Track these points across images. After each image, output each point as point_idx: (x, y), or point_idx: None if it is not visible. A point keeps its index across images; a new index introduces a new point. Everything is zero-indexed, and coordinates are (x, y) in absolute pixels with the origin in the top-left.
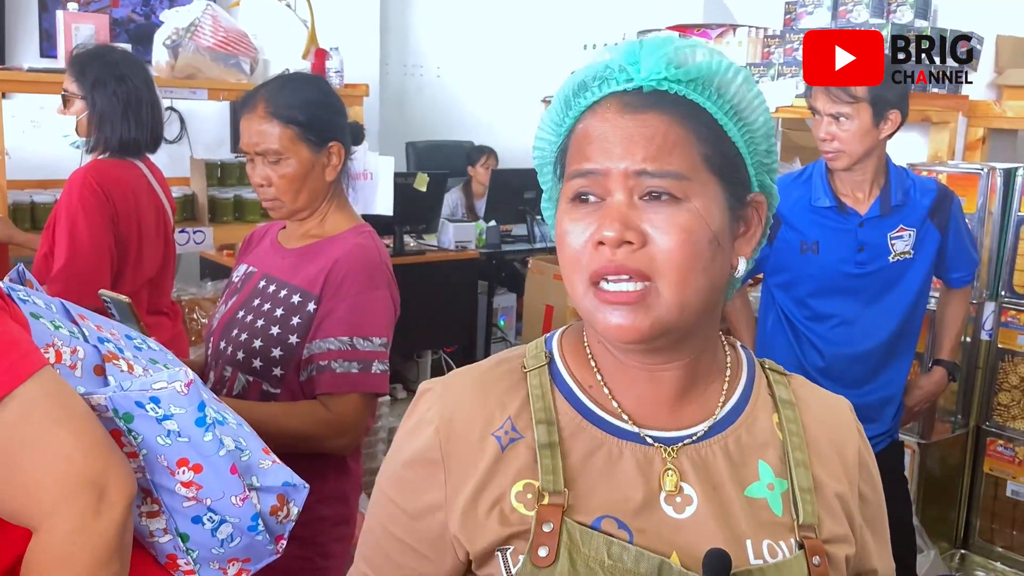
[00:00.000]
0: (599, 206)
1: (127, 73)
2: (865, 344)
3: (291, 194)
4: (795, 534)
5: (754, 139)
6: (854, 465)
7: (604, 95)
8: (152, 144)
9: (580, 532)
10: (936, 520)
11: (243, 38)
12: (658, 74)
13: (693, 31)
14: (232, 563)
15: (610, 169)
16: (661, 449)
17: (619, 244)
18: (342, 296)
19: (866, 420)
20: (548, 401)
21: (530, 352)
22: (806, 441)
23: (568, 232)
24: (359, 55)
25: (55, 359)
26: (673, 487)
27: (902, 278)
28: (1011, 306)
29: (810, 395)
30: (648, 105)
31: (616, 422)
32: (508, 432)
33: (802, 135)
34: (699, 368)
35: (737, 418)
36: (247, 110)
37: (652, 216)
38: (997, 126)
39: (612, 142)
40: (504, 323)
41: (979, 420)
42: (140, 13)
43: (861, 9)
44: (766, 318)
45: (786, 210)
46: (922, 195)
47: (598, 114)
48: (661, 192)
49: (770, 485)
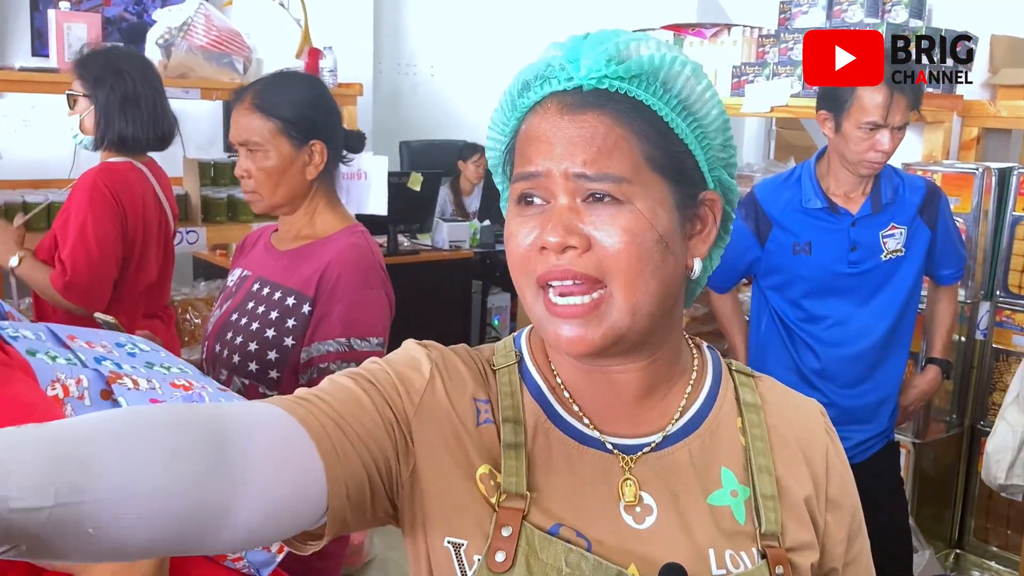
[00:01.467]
0: (543, 209)
1: (125, 68)
2: (860, 344)
3: (269, 187)
4: (757, 543)
5: (706, 134)
6: (822, 469)
7: (546, 95)
8: (157, 142)
9: (539, 538)
10: (931, 520)
11: (236, 37)
12: (598, 71)
13: (687, 30)
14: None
15: (551, 170)
16: (620, 458)
17: (562, 249)
18: (337, 298)
19: (862, 421)
20: (517, 400)
21: (499, 351)
22: (771, 445)
23: (514, 235)
24: (352, 54)
25: (63, 394)
26: (632, 497)
27: (895, 276)
28: (1006, 306)
29: (778, 397)
30: (588, 105)
31: (579, 426)
32: (487, 411)
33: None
34: (658, 371)
35: (701, 423)
36: (238, 103)
37: (595, 219)
38: (991, 126)
39: (552, 144)
40: (498, 323)
41: (974, 420)
42: (132, 12)
43: (856, 9)
44: (759, 320)
45: (777, 212)
46: (911, 192)
47: (539, 114)
48: (603, 195)
49: (733, 492)
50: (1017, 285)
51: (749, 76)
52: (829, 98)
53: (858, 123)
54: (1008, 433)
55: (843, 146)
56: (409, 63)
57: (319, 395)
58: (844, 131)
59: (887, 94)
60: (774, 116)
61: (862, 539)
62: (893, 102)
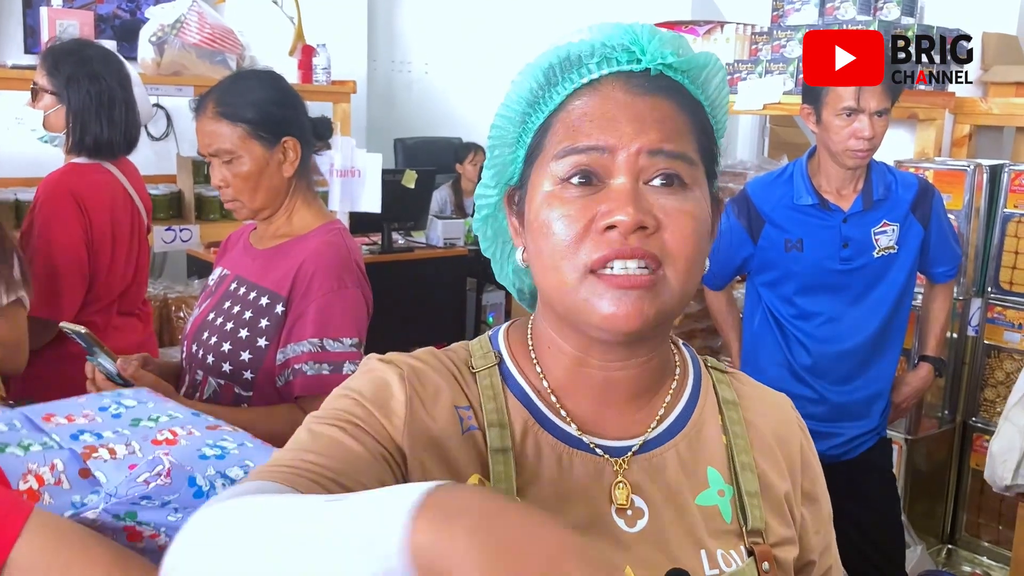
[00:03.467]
0: (597, 189)
1: (101, 71)
2: (852, 340)
3: (248, 193)
4: (744, 541)
5: (719, 135)
6: (797, 463)
7: (604, 74)
8: (126, 146)
9: None
10: (923, 515)
11: (229, 35)
12: (664, 58)
13: (681, 28)
14: None
15: (617, 147)
16: (612, 461)
17: (635, 229)
18: (311, 298)
19: (854, 417)
20: (500, 403)
21: (476, 351)
22: (751, 441)
23: (558, 218)
24: (347, 52)
25: (37, 484)
26: (624, 500)
27: (887, 273)
28: (997, 302)
29: (752, 392)
30: (656, 88)
31: (565, 427)
32: (470, 418)
33: (790, 132)
34: (654, 368)
35: (687, 422)
36: (199, 113)
37: (663, 202)
38: (983, 123)
39: (620, 121)
40: (492, 320)
41: (965, 416)
42: (126, 9)
43: (848, 6)
44: (752, 317)
45: (769, 209)
46: (904, 190)
47: (599, 92)
48: (673, 176)
49: (720, 492)
50: (1008, 281)
51: (742, 73)
52: (808, 92)
53: (835, 110)
54: (1016, 434)
55: (826, 138)
56: (404, 60)
57: (310, 459)
58: (824, 121)
59: None
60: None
61: (831, 527)
62: (864, 86)
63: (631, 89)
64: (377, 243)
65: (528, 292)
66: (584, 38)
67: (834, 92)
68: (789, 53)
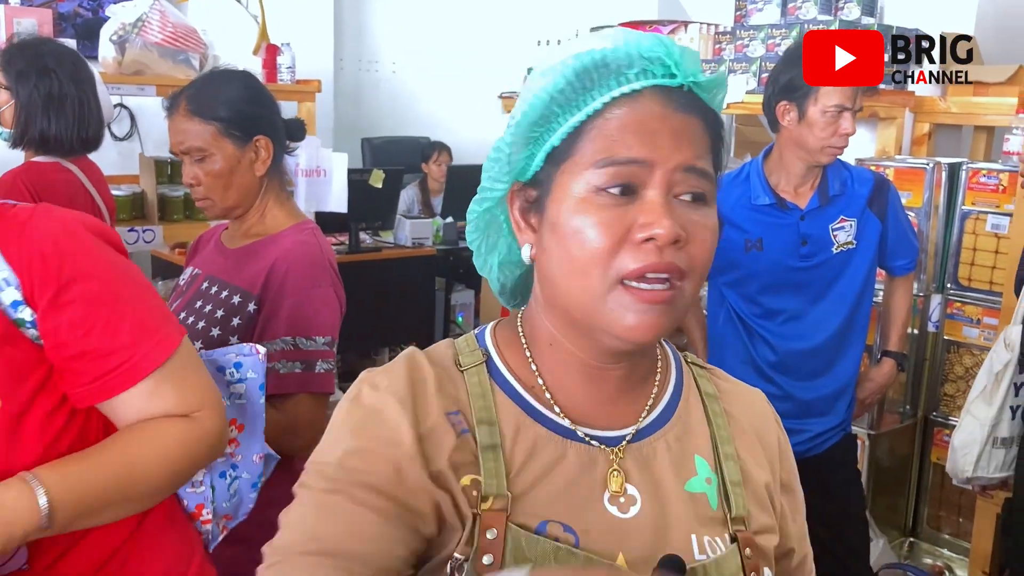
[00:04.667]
0: (631, 200)
1: (53, 66)
2: (816, 337)
3: (220, 191)
4: (728, 528)
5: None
6: (775, 454)
7: (646, 86)
8: (81, 145)
9: (526, 539)
10: (886, 509)
11: (192, 33)
12: (695, 76)
13: (645, 27)
14: (226, 519)
15: (655, 161)
16: (606, 450)
17: (672, 241)
18: (284, 296)
19: (819, 414)
20: (489, 400)
21: (463, 349)
22: (732, 433)
23: (591, 225)
24: (313, 51)
25: None
26: (618, 488)
27: (847, 268)
28: (956, 298)
29: (730, 386)
30: (690, 105)
31: (559, 420)
32: (461, 422)
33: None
34: (642, 365)
35: (673, 413)
36: (172, 111)
37: (691, 216)
38: (942, 122)
39: (660, 135)
40: (462, 320)
41: (927, 411)
42: (87, 7)
43: (809, 6)
44: (717, 316)
45: (727, 210)
46: (860, 185)
47: (640, 104)
48: (700, 193)
49: (707, 479)
50: (967, 278)
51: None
52: (790, 89)
53: (825, 107)
54: (976, 427)
55: (806, 134)
56: (371, 60)
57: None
58: (809, 117)
59: None
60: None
61: (804, 516)
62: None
63: (669, 104)
64: (345, 243)
65: (510, 287)
66: (617, 45)
67: (826, 89)
68: (752, 53)
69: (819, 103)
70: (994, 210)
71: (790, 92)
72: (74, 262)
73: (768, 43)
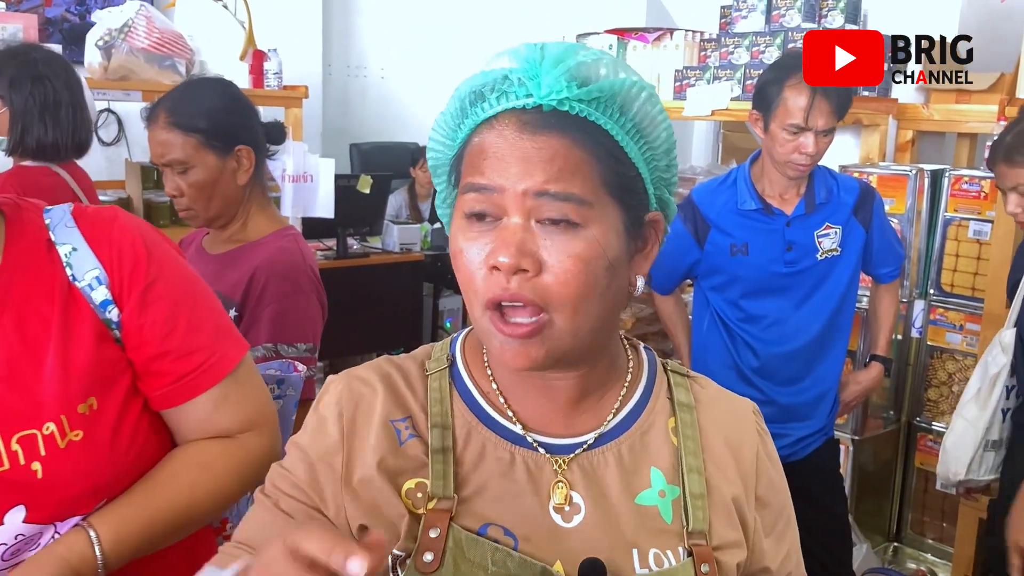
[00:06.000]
0: (494, 225)
1: (46, 73)
2: (797, 342)
3: (203, 202)
4: (684, 542)
5: (655, 156)
6: (751, 468)
7: (502, 109)
8: (75, 149)
9: (466, 538)
10: (869, 514)
11: (178, 39)
12: (559, 92)
13: (631, 35)
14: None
15: (506, 188)
16: (552, 459)
17: (514, 271)
18: (265, 303)
19: (801, 418)
20: (446, 405)
21: (435, 353)
22: (702, 445)
23: (463, 251)
24: (301, 56)
25: None
26: (562, 499)
27: (830, 275)
28: (939, 304)
29: (713, 397)
30: (547, 125)
31: (510, 426)
32: (408, 428)
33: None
34: (595, 377)
35: (632, 424)
36: (151, 122)
37: (549, 243)
38: (925, 128)
39: (508, 162)
40: (450, 325)
41: (910, 416)
42: (75, 13)
43: (793, 13)
44: (701, 320)
45: (713, 214)
46: (845, 193)
47: (495, 129)
48: (560, 219)
49: (661, 492)
50: (950, 284)
51: (691, 80)
52: (759, 98)
53: (782, 124)
54: (968, 429)
55: (771, 146)
56: (359, 65)
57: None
58: (771, 131)
59: (809, 97)
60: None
61: (791, 534)
62: (815, 106)
63: (523, 128)
64: (332, 249)
65: None
66: (489, 68)
67: (784, 107)
68: (737, 60)
69: (778, 119)
70: (976, 217)
71: (758, 101)
72: (159, 263)
73: (753, 50)
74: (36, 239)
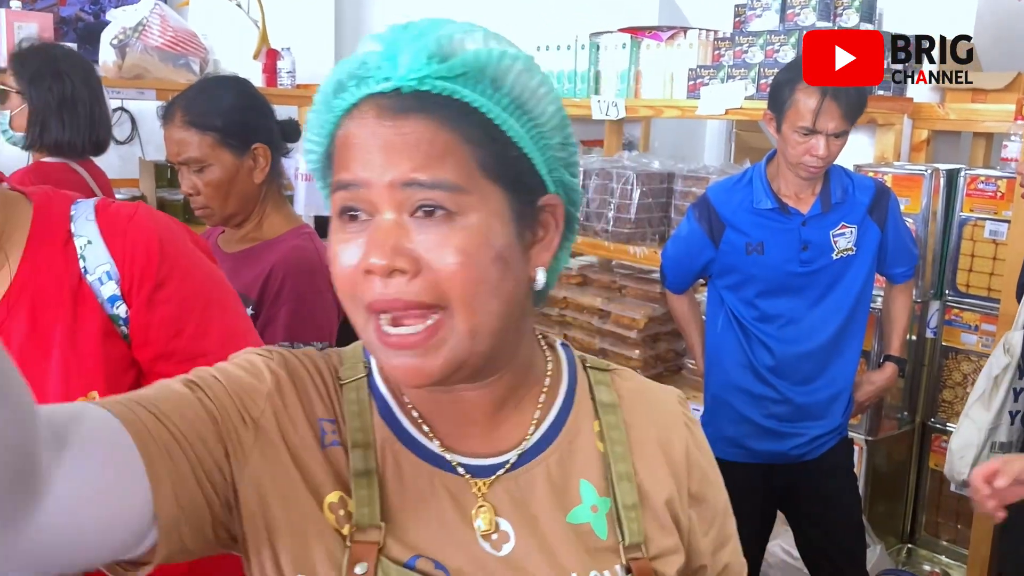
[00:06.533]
0: (367, 224)
1: (66, 70)
2: (813, 341)
3: (219, 200)
4: (621, 558)
5: (543, 134)
6: (682, 465)
7: (362, 97)
8: (92, 147)
9: (396, 573)
10: (883, 515)
11: (192, 38)
12: (418, 71)
13: (644, 33)
14: None
15: (371, 181)
16: (473, 483)
17: (389, 273)
18: (281, 302)
19: (816, 417)
20: (366, 420)
21: (347, 359)
22: (630, 447)
23: (337, 255)
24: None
25: None
26: (488, 525)
27: (846, 275)
28: (954, 305)
29: (636, 391)
30: (408, 109)
31: (428, 445)
32: (334, 432)
33: (754, 136)
34: (509, 384)
35: (557, 434)
36: (167, 121)
37: (424, 237)
38: (941, 128)
39: (370, 152)
40: None
41: (925, 417)
42: (89, 12)
43: (808, 12)
44: (715, 320)
45: (729, 213)
46: (861, 193)
47: (356, 119)
48: (434, 207)
49: (594, 507)
50: (965, 284)
51: (704, 79)
52: (773, 98)
53: (793, 126)
54: (974, 430)
55: (784, 147)
56: None
57: (139, 395)
58: (783, 132)
59: (819, 100)
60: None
61: (730, 526)
62: (823, 109)
63: (382, 114)
64: None
65: None
66: (356, 54)
67: (794, 109)
68: (750, 59)
69: (789, 120)
70: (992, 216)
71: (772, 102)
72: (173, 262)
73: (767, 49)
74: (57, 231)
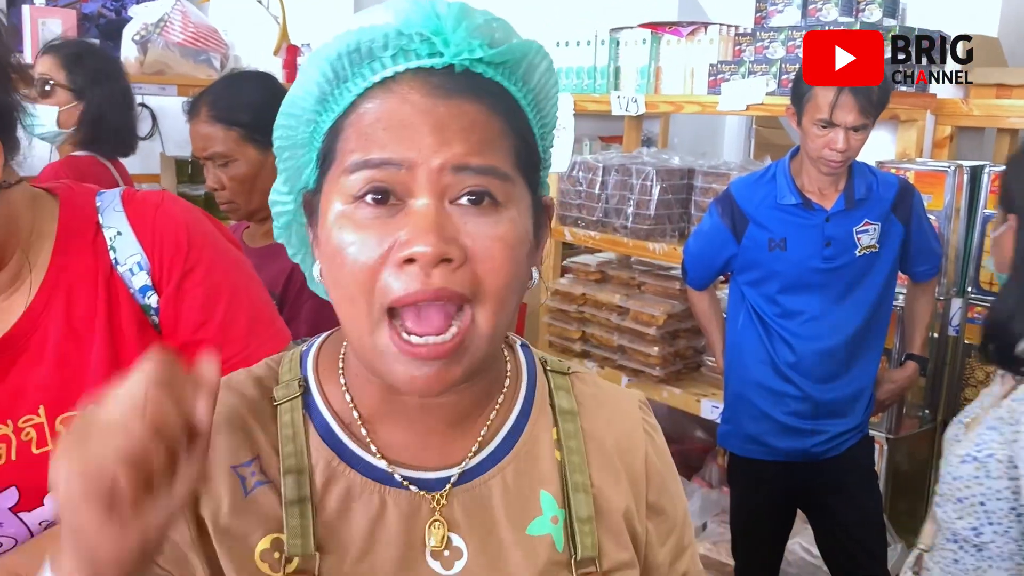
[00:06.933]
0: (396, 210)
1: (118, 71)
2: (834, 339)
3: (244, 195)
4: (572, 572)
5: (546, 133)
6: (641, 474)
7: (400, 70)
8: (123, 148)
9: None
10: (904, 514)
11: (213, 34)
12: (472, 52)
13: (664, 29)
14: None
15: (416, 161)
16: (427, 497)
17: (438, 262)
18: (305, 296)
19: (837, 415)
20: (300, 444)
21: (283, 375)
22: (587, 456)
23: (351, 243)
24: None
25: None
26: (439, 542)
27: (869, 272)
28: (977, 302)
29: (596, 396)
30: (463, 89)
31: (375, 463)
32: (255, 474)
33: (775, 133)
34: (478, 390)
35: (516, 442)
36: (193, 116)
37: (471, 226)
38: (964, 124)
39: (419, 130)
40: None
41: (946, 415)
42: (110, 8)
43: (830, 7)
44: (736, 316)
45: (752, 209)
46: (885, 189)
47: (396, 93)
48: (483, 194)
49: (554, 518)
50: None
51: (725, 74)
52: (794, 92)
53: (812, 119)
54: None
55: (804, 141)
56: None
57: None
58: (803, 126)
59: (835, 92)
60: (750, 114)
61: (688, 536)
62: (840, 102)
63: (432, 91)
64: None
65: None
66: (375, 23)
67: (813, 102)
68: (772, 54)
69: (809, 113)
70: None
71: (793, 96)
72: (200, 250)
73: (788, 45)
74: (86, 223)
